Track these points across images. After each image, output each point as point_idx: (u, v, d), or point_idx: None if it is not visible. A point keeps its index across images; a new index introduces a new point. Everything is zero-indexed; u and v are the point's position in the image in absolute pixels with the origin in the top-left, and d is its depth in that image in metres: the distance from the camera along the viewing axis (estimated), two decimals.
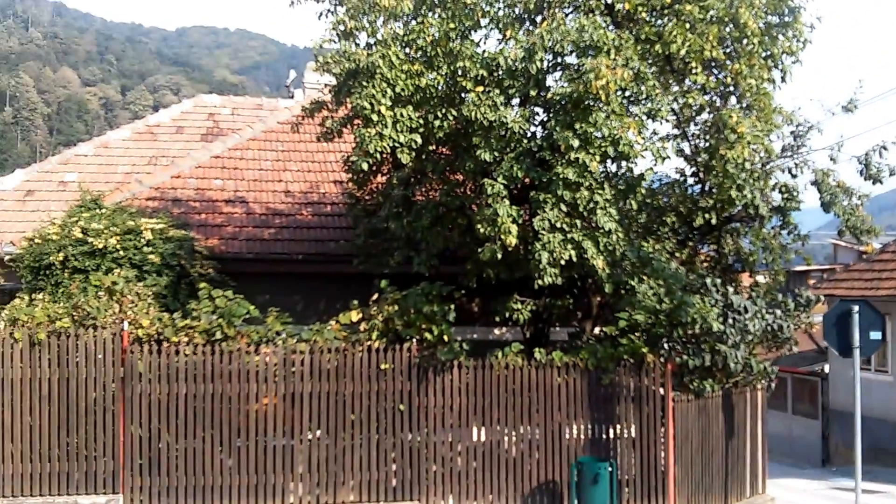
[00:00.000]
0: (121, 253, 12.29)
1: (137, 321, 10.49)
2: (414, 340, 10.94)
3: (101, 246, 12.20)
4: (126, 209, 13.39)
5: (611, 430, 11.39)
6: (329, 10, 11.74)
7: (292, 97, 21.13)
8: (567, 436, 11.30)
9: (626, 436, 11.36)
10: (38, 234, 12.60)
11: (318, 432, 10.68)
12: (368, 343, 10.86)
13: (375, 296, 11.28)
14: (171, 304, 12.06)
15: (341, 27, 11.31)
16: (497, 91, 10.66)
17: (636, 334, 11.50)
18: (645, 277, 11.45)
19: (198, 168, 16.15)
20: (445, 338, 10.96)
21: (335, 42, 11.57)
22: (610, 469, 10.67)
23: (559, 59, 11.10)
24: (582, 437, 11.35)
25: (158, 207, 14.56)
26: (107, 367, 10.31)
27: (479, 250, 10.77)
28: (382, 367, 10.81)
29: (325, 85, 12.69)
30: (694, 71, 11.56)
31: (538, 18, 11.69)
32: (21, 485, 10.11)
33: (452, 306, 11.09)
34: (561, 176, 10.38)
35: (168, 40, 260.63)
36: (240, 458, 10.47)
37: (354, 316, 11.03)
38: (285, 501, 10.56)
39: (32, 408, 10.18)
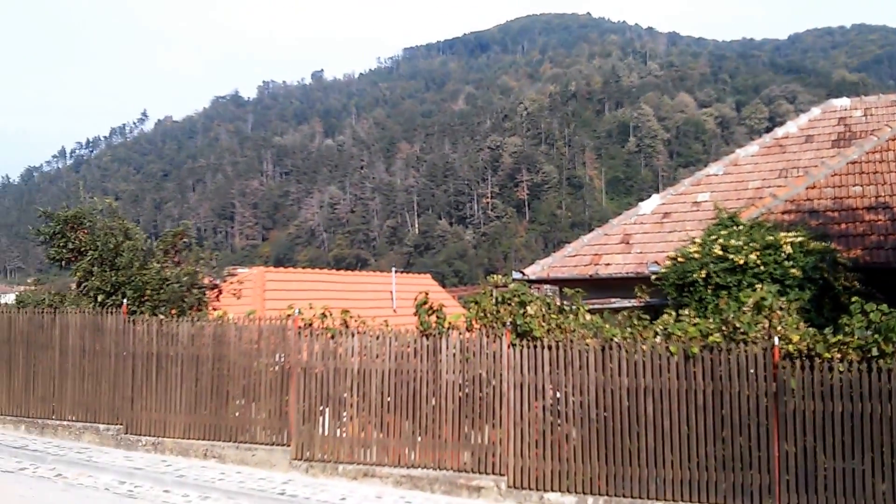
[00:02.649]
0: (761, 268, 12.38)
1: (787, 336, 10.38)
2: None
3: (740, 262, 12.46)
4: (762, 224, 13.46)
5: None
6: None
7: None
8: None
9: None
10: (680, 253, 13.36)
11: None
12: None
13: None
14: (815, 318, 11.71)
15: None
16: None
17: None
18: None
19: (833, 176, 15.48)
20: None
21: None
22: None
23: None
24: None
25: (794, 220, 14.33)
26: (758, 382, 10.39)
27: None
28: None
29: None
30: None
31: None
32: (680, 490, 10.70)
33: None
34: None
35: (781, 49, 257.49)
36: None
37: None
38: None
39: (688, 417, 10.73)
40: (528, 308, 11.91)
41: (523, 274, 17.63)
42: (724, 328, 10.79)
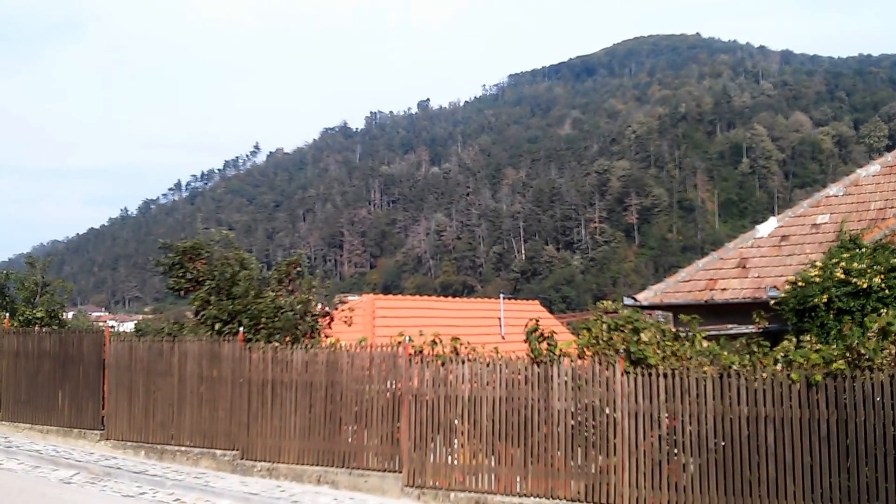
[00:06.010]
0: (886, 292, 11.90)
1: None
2: None
3: (864, 286, 11.98)
4: (886, 246, 12.92)
5: None
6: None
7: None
8: None
9: None
10: (800, 277, 12.91)
11: None
12: None
13: None
14: None
15: None
16: None
17: None
18: None
19: None
20: None
21: None
22: None
23: None
24: None
25: None
26: (885, 411, 9.87)
27: None
28: None
29: None
30: None
31: None
32: None
33: None
34: None
35: None
36: None
37: None
38: None
39: (811, 447, 10.29)
40: (642, 335, 11.70)
41: (635, 300, 17.33)
42: (847, 354, 10.36)
